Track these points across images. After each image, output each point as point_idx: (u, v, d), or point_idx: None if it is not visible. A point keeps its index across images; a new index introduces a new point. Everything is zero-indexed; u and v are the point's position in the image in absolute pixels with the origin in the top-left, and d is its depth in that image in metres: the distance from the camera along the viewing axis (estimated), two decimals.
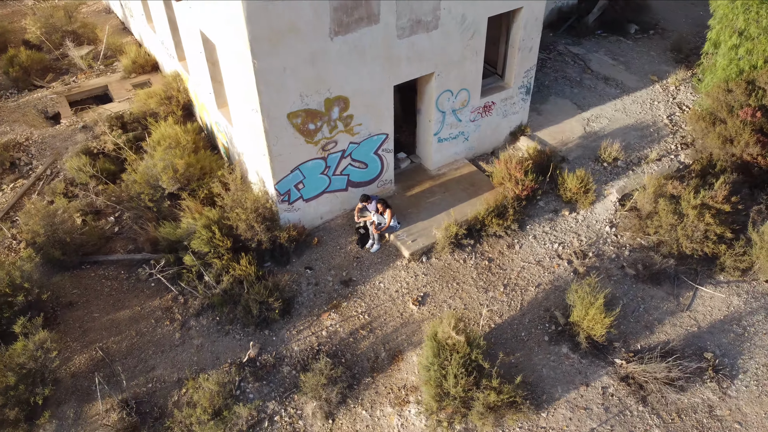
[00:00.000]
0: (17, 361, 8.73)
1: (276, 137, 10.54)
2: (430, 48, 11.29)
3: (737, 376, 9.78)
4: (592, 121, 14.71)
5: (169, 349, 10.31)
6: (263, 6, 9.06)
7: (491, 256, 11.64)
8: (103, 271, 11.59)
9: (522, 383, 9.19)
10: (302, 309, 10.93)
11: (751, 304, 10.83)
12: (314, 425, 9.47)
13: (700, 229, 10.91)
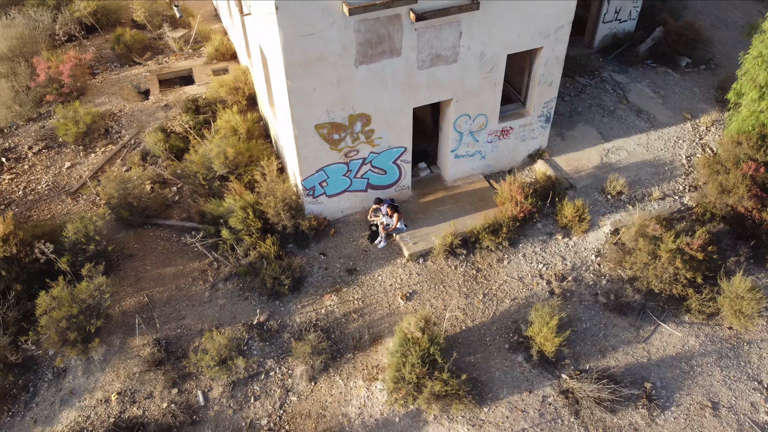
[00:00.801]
0: (80, 297, 11.40)
1: (304, 143, 12.53)
2: (449, 78, 12.79)
3: (669, 408, 10.93)
4: (612, 153, 15.63)
5: (199, 305, 12.75)
6: (297, 38, 10.95)
7: (480, 267, 13.18)
8: (160, 232, 14.20)
9: (468, 380, 10.85)
10: (310, 288, 13.03)
11: (706, 347, 11.79)
12: (300, 384, 11.61)
13: (670, 271, 11.91)
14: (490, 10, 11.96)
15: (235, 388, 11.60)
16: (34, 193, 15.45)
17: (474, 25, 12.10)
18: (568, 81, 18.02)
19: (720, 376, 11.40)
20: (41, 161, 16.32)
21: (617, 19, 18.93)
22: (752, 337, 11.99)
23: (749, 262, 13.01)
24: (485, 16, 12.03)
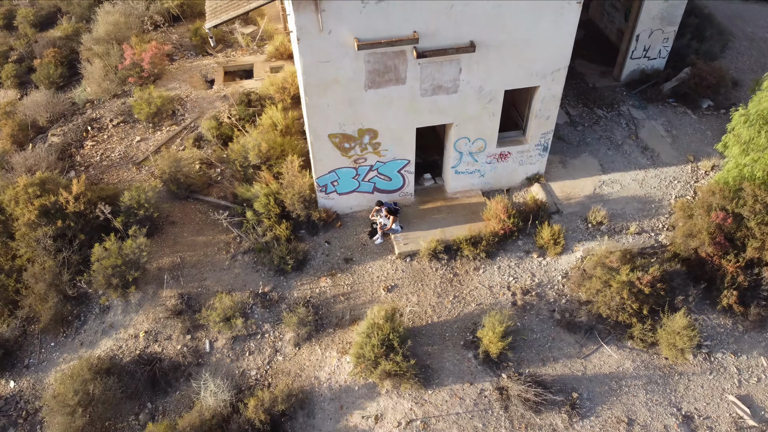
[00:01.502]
0: (125, 252, 14.32)
1: (318, 148, 14.82)
2: (450, 105, 14.65)
3: (589, 417, 12.57)
4: (606, 185, 16.96)
5: (218, 270, 15.44)
6: (315, 64, 13.18)
7: (457, 272, 15.09)
8: (199, 206, 16.99)
9: (419, 366, 12.93)
10: (311, 269, 15.42)
11: (639, 371, 13.25)
12: (287, 348, 14.08)
13: (617, 300, 13.39)
14: (487, 52, 13.70)
15: (235, 342, 14.23)
16: (108, 159, 18.68)
17: (473, 63, 13.88)
18: (586, 111, 19.30)
19: (644, 398, 12.87)
20: (118, 133, 19.55)
21: (646, 56, 19.88)
22: (685, 370, 13.31)
23: (703, 303, 14.21)
24: (483, 56, 13.78)
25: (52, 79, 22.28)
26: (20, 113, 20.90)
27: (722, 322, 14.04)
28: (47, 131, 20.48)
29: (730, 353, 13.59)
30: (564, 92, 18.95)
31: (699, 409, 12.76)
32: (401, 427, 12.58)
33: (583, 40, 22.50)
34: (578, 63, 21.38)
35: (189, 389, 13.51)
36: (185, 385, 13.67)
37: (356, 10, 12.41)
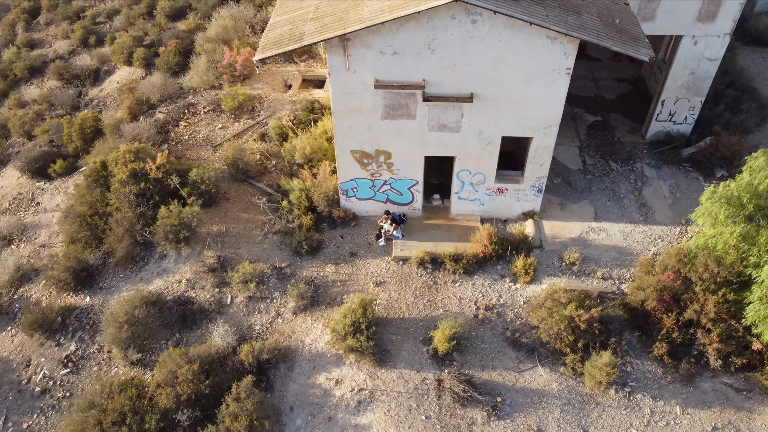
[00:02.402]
0: (182, 216, 18.47)
1: (343, 160, 18.14)
2: (453, 141, 17.41)
3: (505, 419, 15.02)
4: (593, 231, 18.93)
5: (251, 243, 19.26)
6: (342, 95, 16.47)
7: (437, 281, 17.89)
8: (251, 189, 20.93)
9: (378, 348, 15.95)
10: (322, 256, 18.84)
11: (561, 393, 15.45)
12: (286, 314, 17.62)
13: (555, 330, 15.64)
14: (484, 104, 16.34)
15: (250, 301, 17.98)
16: (193, 139, 23.14)
17: (473, 111, 16.57)
18: (601, 162, 21.16)
19: (558, 415, 15.10)
20: (206, 119, 24.00)
21: (671, 120, 21.31)
22: (603, 401, 15.34)
23: (643, 350, 16.05)
24: (482, 106, 16.43)
25: (169, 65, 27.24)
26: (140, 90, 25.98)
27: (653, 369, 15.83)
28: (156, 108, 25.37)
29: (650, 396, 15.42)
30: (587, 142, 21.18)
31: None
32: (353, 392, 15.72)
33: (627, 96, 24.16)
34: (613, 117, 23.11)
35: (207, 329, 17.43)
36: (205, 325, 17.61)
37: (376, 59, 15.55)
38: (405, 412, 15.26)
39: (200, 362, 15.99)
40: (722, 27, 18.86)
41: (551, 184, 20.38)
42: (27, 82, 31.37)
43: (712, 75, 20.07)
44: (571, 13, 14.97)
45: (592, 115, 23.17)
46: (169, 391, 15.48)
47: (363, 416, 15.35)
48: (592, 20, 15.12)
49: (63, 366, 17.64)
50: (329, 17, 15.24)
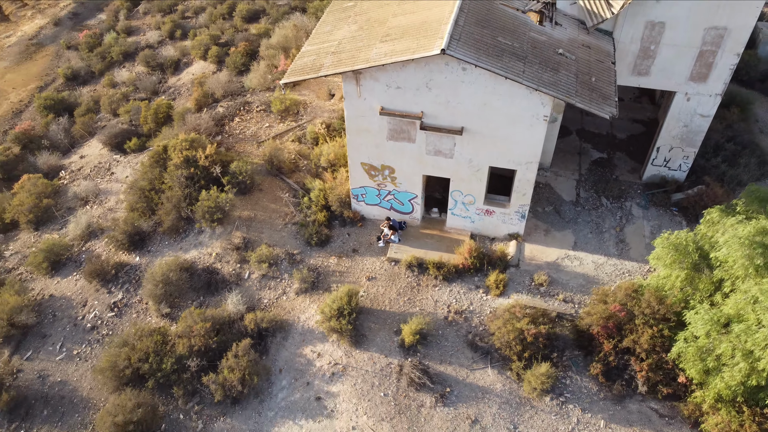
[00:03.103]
0: (218, 201, 22.14)
1: (354, 169, 21.20)
2: (447, 165, 20.08)
3: (449, 407, 17.71)
4: (568, 258, 21.09)
5: (273, 230, 22.71)
6: (354, 116, 19.51)
7: (420, 283, 20.68)
8: (281, 183, 24.38)
9: (356, 331, 18.98)
10: (328, 249, 22.03)
11: (504, 393, 17.94)
12: (291, 293, 20.96)
13: (507, 339, 18.11)
14: (473, 137, 18.91)
15: (263, 279, 21.44)
16: (243, 134, 26.88)
17: (464, 141, 19.19)
18: (593, 197, 23.14)
19: (495, 410, 17.64)
20: (257, 117, 27.68)
21: (666, 166, 22.96)
22: (537, 405, 17.71)
23: (585, 368, 18.24)
24: (471, 139, 19.01)
25: (236, 65, 31.14)
26: (208, 84, 30.02)
27: (589, 386, 18.03)
28: (219, 102, 29.33)
29: (580, 408, 17.65)
30: (586, 176, 23.32)
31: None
32: (330, 365, 18.88)
33: (638, 136, 25.84)
34: (618, 156, 24.92)
35: (224, 297, 21.04)
36: (224, 293, 21.22)
37: (382, 90, 18.47)
38: (368, 388, 18.26)
39: (213, 322, 19.61)
40: (713, 88, 20.44)
41: (542, 212, 22.64)
42: (120, 65, 36.32)
43: (705, 129, 21.61)
44: (549, 70, 17.30)
45: (599, 151, 25.06)
46: (185, 342, 19.18)
47: (334, 385, 18.49)
48: (568, 77, 17.38)
49: (110, 310, 21.78)
50: (345, 53, 18.29)
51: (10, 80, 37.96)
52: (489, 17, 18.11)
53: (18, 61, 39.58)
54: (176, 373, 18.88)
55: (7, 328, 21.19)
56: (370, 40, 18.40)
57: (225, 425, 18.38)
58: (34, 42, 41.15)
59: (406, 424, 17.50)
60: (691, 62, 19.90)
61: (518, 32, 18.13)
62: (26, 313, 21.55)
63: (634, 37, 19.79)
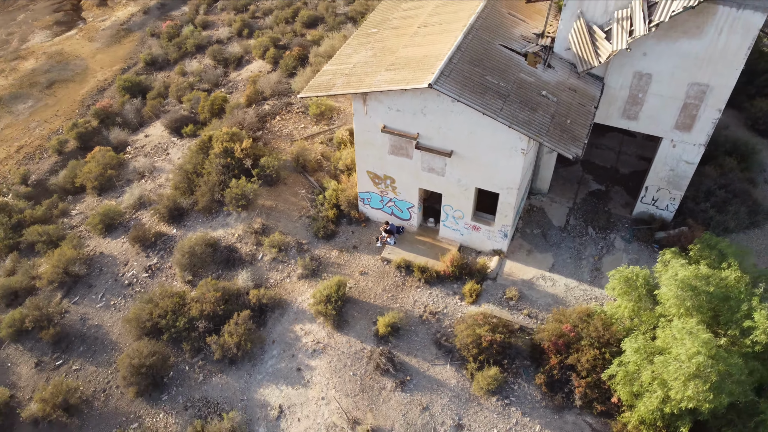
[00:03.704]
0: (244, 190, 25.51)
1: (361, 176, 24.01)
2: (439, 182, 22.53)
3: (406, 393, 20.28)
4: (543, 279, 23.08)
5: (288, 220, 25.89)
6: (362, 131, 22.29)
7: (405, 283, 23.27)
8: (303, 180, 27.51)
9: (340, 317, 21.85)
10: (332, 242, 24.98)
11: (455, 388, 20.30)
12: (294, 277, 24.08)
13: (467, 341, 20.44)
14: (461, 160, 21.27)
15: (273, 261, 24.68)
16: (279, 132, 30.20)
17: (454, 163, 21.58)
18: (581, 226, 24.91)
19: (445, 401, 20.06)
20: (295, 118, 30.94)
21: (654, 204, 24.39)
22: (484, 403, 19.99)
23: (531, 375, 20.33)
24: (460, 161, 21.37)
25: (287, 68, 34.53)
26: (260, 83, 33.56)
27: (534, 393, 20.12)
28: (266, 100, 32.80)
29: (521, 411, 19.79)
30: (580, 205, 25.24)
31: (471, 427, 19.58)
32: (313, 342, 21.86)
33: (640, 173, 27.20)
34: (615, 189, 26.47)
35: (237, 273, 24.40)
36: (238, 270, 24.59)
37: (385, 111, 21.15)
38: (341, 366, 21.12)
39: (223, 293, 23.00)
40: (697, 138, 21.81)
41: (530, 233, 24.68)
42: (192, 57, 40.59)
43: (690, 175, 22.95)
44: (527, 110, 19.44)
45: (598, 183, 26.69)
46: (198, 306, 22.67)
47: (313, 360, 21.46)
48: (543, 117, 19.45)
49: (145, 271, 25.65)
50: (355, 77, 21.08)
51: (99, 60, 43.09)
52: (483, 57, 20.39)
53: (108, 44, 44.73)
54: (187, 331, 22.41)
55: (62, 276, 25.42)
56: (379, 66, 21.11)
57: (221, 380, 21.75)
58: (125, 27, 46.25)
59: (366, 402, 20.26)
60: (676, 113, 21.38)
61: (507, 72, 20.32)
62: (79, 265, 25.74)
63: (623, 85, 21.48)
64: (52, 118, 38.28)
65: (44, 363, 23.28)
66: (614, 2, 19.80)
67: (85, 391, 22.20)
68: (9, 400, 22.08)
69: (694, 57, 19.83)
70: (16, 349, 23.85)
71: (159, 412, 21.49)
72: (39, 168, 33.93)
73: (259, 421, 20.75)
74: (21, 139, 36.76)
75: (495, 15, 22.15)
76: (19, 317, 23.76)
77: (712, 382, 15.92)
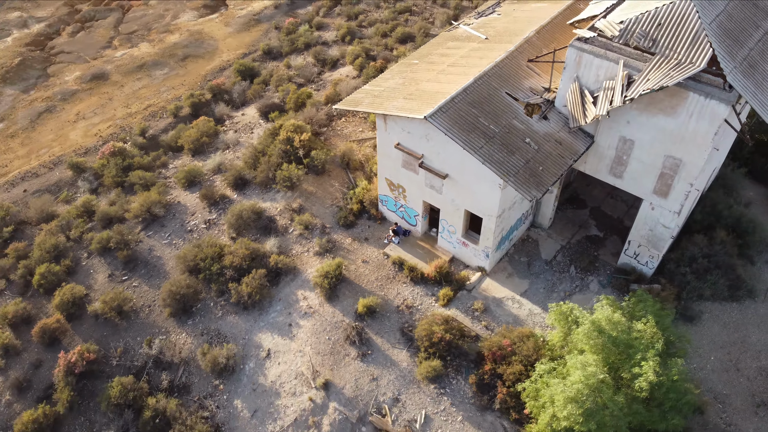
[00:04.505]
0: (290, 174, 30.82)
1: (381, 181, 28.40)
2: (438, 198, 26.36)
3: (364, 363, 24.53)
4: (511, 300, 26.17)
5: (320, 206, 30.88)
6: (384, 146, 26.64)
7: (395, 277, 27.38)
8: (343, 174, 32.33)
9: (333, 290, 26.51)
10: (351, 231, 29.63)
11: (404, 370, 24.20)
12: (311, 252, 29.07)
13: (422, 335, 24.26)
14: (454, 183, 24.97)
15: (299, 237, 29.84)
16: (341, 132, 35.21)
17: (448, 185, 25.34)
18: (566, 264, 27.53)
19: (392, 378, 24.01)
20: (355, 121, 35.80)
21: (636, 258, 26.45)
22: (422, 388, 23.68)
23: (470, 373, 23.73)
24: (453, 184, 25.09)
25: (368, 76, 39.38)
26: (340, 86, 38.78)
27: (466, 390, 23.54)
28: None
29: (450, 401, 23.30)
30: (573, 245, 28.08)
31: (405, 403, 23.42)
32: (307, 306, 26.72)
33: None
34: (612, 239, 28.61)
35: (268, 239, 29.80)
36: (270, 237, 29.97)
37: (399, 131, 25.37)
38: (321, 330, 25.81)
39: (252, 252, 28.50)
40: (673, 206, 23.80)
41: (517, 260, 27.75)
42: (300, 53, 46.78)
43: (666, 238, 24.87)
44: (505, 152, 22.77)
45: (598, 229, 28.98)
46: (230, 258, 28.35)
47: (303, 320, 26.34)
48: (518, 161, 22.67)
49: (204, 223, 31.85)
50: (379, 99, 25.46)
51: (228, 43, 50.64)
52: (484, 100, 23.91)
53: (239, 30, 52.23)
54: (217, 275, 28.17)
55: (145, 213, 32.26)
56: (400, 94, 25.34)
57: (233, 320, 27.27)
58: (256, 18, 53.57)
59: (331, 362, 24.81)
60: (655, 179, 23.54)
61: (501, 117, 23.70)
62: (159, 207, 32.46)
63: (611, 145, 23.99)
64: (178, 86, 46.16)
65: (114, 276, 30.15)
66: (604, 72, 22.44)
67: (136, 303, 28.69)
68: (84, 296, 29.10)
69: (669, 133, 22.04)
70: (99, 261, 30.98)
71: (182, 332, 27.44)
72: (156, 125, 41.65)
73: (252, 357, 26.01)
74: (151, 99, 44.92)
75: (512, 65, 25.45)
76: (107, 238, 30.82)
77: (585, 408, 18.71)
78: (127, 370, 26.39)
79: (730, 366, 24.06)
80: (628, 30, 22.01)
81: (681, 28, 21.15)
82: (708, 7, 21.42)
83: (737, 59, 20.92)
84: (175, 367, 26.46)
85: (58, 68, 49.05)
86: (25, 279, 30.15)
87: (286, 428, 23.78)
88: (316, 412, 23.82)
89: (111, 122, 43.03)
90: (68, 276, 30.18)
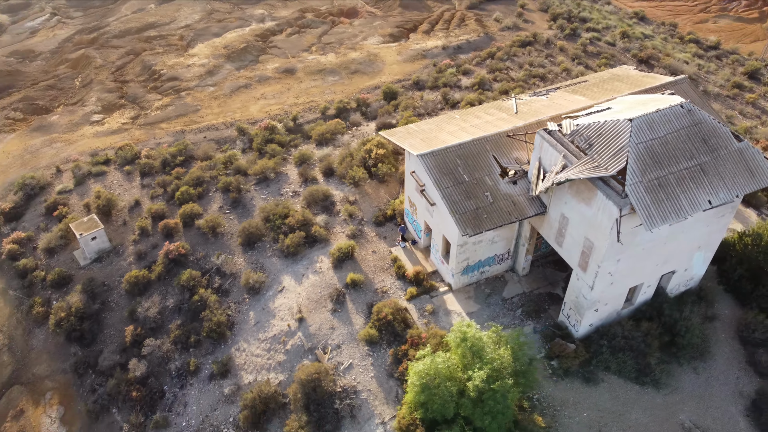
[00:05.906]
0: (357, 175, 40.69)
1: (405, 197, 36.93)
2: (431, 221, 34.18)
3: (332, 316, 33.56)
4: (459, 316, 32.99)
5: (368, 204, 40.28)
6: (407, 168, 35.23)
7: (388, 269, 35.80)
8: (398, 186, 41.27)
9: (339, 262, 35.92)
10: (377, 228, 38.63)
11: (354, 331, 32.73)
12: (344, 234, 38.74)
13: (375, 311, 32.59)
14: (437, 211, 32.69)
15: (343, 221, 39.71)
16: None
17: (435, 212, 33.10)
18: (516, 305, 33.37)
19: (343, 331, 32.70)
20: None
21: (568, 319, 31.43)
22: (360, 346, 31.98)
23: (388, 342, 31.46)
24: (437, 212, 32.81)
25: None
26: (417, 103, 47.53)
27: (387, 359, 31.27)
28: None
29: (372, 362, 31.23)
30: (531, 294, 34.33)
31: (342, 351, 31.92)
32: (318, 267, 36.47)
33: None
34: None
35: (322, 216, 40.05)
36: (324, 215, 40.22)
37: (414, 162, 33.78)
38: (318, 285, 35.40)
39: (303, 218, 39.10)
40: (589, 280, 28.80)
41: (482, 290, 34.32)
42: (435, 90, 56.19)
43: (587, 307, 29.69)
44: (464, 196, 29.97)
45: (562, 291, 34.03)
46: (291, 219, 39.26)
47: (312, 275, 36.21)
48: (470, 205, 29.72)
49: (292, 193, 43.18)
50: (408, 135, 34.05)
51: (392, 68, 61.90)
52: (470, 156, 31.21)
53: (406, 60, 63.20)
54: (278, 228, 39.29)
55: (261, 174, 44.72)
56: (422, 135, 33.73)
57: (277, 262, 38.07)
58: (423, 53, 64.05)
59: (311, 308, 34.35)
60: (579, 254, 28.84)
61: (476, 172, 30.82)
62: (270, 173, 44.68)
63: (556, 218, 29.72)
64: (339, 92, 58.62)
65: (222, 208, 42.93)
66: (554, 158, 28.48)
67: (226, 230, 41.00)
68: (198, 214, 42.24)
69: (588, 218, 27.45)
70: (218, 195, 44.00)
71: (242, 257, 39.05)
72: (306, 117, 54.38)
73: (272, 288, 36.63)
74: (315, 97, 57.98)
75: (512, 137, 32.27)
76: (229, 182, 43.80)
77: (423, 383, 25.81)
78: (199, 267, 38.72)
79: (593, 426, 28.32)
80: (577, 131, 27.91)
81: (612, 140, 26.57)
82: (645, 131, 26.43)
83: (648, 177, 25.76)
84: (227, 276, 38.14)
85: (266, 58, 64.90)
86: (173, 192, 44.42)
87: (269, 338, 33.92)
88: (288, 335, 33.58)
89: (280, 106, 56.91)
90: (197, 198, 43.74)
